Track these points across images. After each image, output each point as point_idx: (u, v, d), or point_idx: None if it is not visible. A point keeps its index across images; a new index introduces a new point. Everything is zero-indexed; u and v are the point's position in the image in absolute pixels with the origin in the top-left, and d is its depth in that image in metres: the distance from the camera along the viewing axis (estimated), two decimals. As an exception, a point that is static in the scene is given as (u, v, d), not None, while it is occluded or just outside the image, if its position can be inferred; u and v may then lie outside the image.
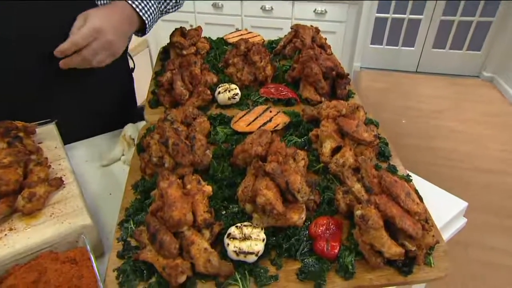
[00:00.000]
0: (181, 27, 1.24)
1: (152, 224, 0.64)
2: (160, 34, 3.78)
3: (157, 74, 1.15)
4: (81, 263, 0.63)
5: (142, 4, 0.98)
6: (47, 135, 0.99)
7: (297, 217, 0.69)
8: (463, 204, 0.91)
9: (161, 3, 1.08)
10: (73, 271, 0.61)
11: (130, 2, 0.96)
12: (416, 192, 0.78)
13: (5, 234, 0.67)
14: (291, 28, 1.24)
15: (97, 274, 0.62)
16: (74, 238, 0.69)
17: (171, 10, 1.16)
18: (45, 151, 0.90)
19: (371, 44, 4.71)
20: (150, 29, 1.07)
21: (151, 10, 1.02)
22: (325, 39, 1.25)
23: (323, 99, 1.02)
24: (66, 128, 1.06)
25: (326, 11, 3.35)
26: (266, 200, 0.66)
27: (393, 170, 0.82)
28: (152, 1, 1.02)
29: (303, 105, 1.03)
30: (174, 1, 1.11)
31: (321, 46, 1.21)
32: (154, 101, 1.04)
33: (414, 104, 4.00)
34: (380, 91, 4.27)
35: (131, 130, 1.07)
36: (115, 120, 1.22)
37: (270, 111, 0.93)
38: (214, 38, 1.35)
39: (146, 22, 1.01)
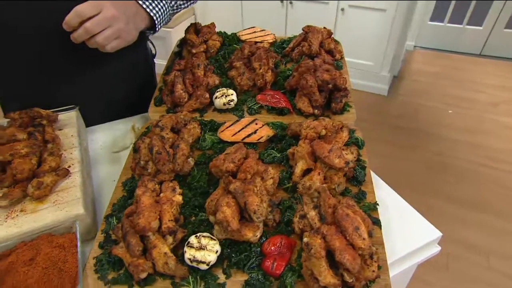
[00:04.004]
0: (196, 23, 1.28)
1: (124, 226, 0.75)
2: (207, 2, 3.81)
3: (167, 70, 1.22)
4: (68, 249, 0.77)
5: (149, 1, 1.02)
6: (68, 121, 1.13)
7: (251, 234, 0.76)
8: (437, 234, 0.91)
9: (172, 1, 1.11)
10: (61, 255, 0.75)
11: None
12: (376, 222, 0.81)
13: (17, 215, 0.83)
14: (302, 30, 1.23)
15: (79, 260, 0.75)
16: (70, 224, 0.83)
17: (183, 6, 1.20)
18: (62, 138, 1.04)
19: (431, 21, 4.32)
20: (160, 26, 1.11)
21: (159, 7, 1.05)
22: (336, 43, 1.22)
23: (316, 111, 1.04)
24: (89, 112, 1.20)
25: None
26: (224, 216, 0.74)
27: (361, 196, 0.85)
28: None
29: (296, 115, 1.06)
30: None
31: (330, 52, 1.19)
32: (159, 99, 1.12)
33: (468, 93, 3.68)
34: (432, 76, 3.97)
35: (139, 122, 1.19)
36: (137, 104, 1.34)
37: (256, 123, 0.98)
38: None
39: (155, 18, 1.05)
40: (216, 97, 1.06)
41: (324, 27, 1.24)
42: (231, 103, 1.05)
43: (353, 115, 1.05)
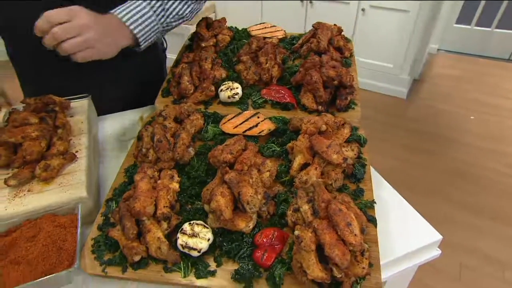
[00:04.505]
0: (207, 17, 1.30)
1: (121, 209, 0.78)
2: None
3: (177, 63, 1.25)
4: (68, 229, 0.80)
5: (134, 18, 0.98)
6: (80, 109, 1.17)
7: (244, 225, 0.76)
8: (437, 237, 0.88)
9: (160, 17, 1.06)
10: (61, 234, 0.78)
11: (115, 13, 0.96)
12: (371, 220, 0.80)
13: (24, 194, 0.87)
14: (312, 26, 1.22)
15: (78, 240, 0.78)
16: (73, 206, 0.87)
17: (175, 24, 1.14)
18: (72, 125, 1.08)
19: (457, 23, 4.18)
20: (146, 43, 1.06)
21: (144, 25, 1.01)
22: (347, 41, 1.21)
23: (320, 107, 1.03)
24: (101, 102, 1.24)
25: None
26: (217, 205, 0.75)
27: (358, 194, 0.84)
28: (148, 15, 1.01)
29: (300, 111, 1.06)
30: (176, 14, 1.09)
31: (339, 49, 1.18)
32: (167, 90, 1.15)
33: (492, 99, 3.55)
34: (455, 80, 3.84)
35: (147, 113, 1.22)
36: (146, 96, 1.37)
37: (258, 117, 0.98)
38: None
39: (138, 36, 1.00)
40: (221, 90, 1.08)
41: (335, 24, 1.23)
42: (236, 96, 1.06)
43: (357, 113, 1.04)
